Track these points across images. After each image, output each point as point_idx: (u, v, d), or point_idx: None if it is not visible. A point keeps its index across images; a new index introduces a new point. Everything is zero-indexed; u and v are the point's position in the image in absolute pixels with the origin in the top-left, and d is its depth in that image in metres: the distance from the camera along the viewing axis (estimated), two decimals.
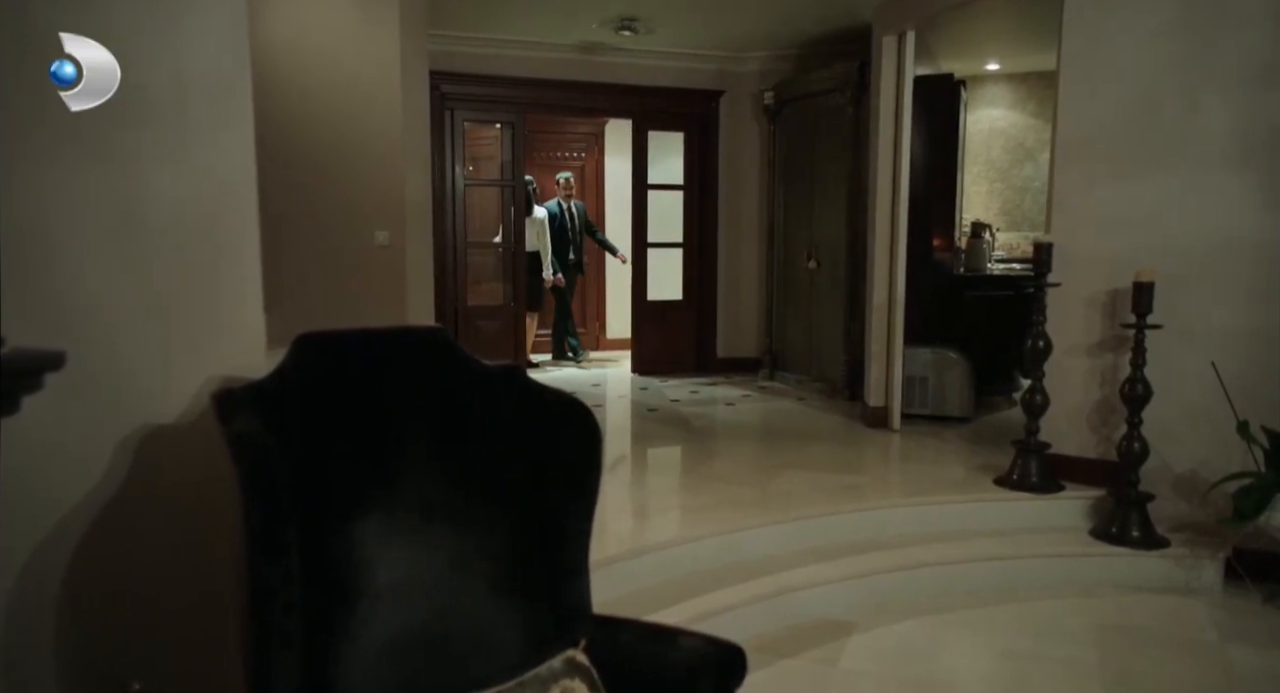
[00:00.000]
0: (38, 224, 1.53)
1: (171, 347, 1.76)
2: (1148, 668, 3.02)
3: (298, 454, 1.63)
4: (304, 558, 1.56)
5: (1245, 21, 3.60)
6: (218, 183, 1.85)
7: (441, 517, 1.80)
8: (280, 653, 1.51)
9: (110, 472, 1.65)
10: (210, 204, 1.84)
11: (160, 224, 1.75)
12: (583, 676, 1.67)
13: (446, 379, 1.91)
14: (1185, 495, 3.75)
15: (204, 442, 1.76)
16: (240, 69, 1.88)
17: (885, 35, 5.22)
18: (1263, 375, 3.55)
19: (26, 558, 1.51)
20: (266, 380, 1.74)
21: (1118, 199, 3.90)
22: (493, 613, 1.79)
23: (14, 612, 1.50)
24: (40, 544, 1.53)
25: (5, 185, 1.48)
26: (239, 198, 1.90)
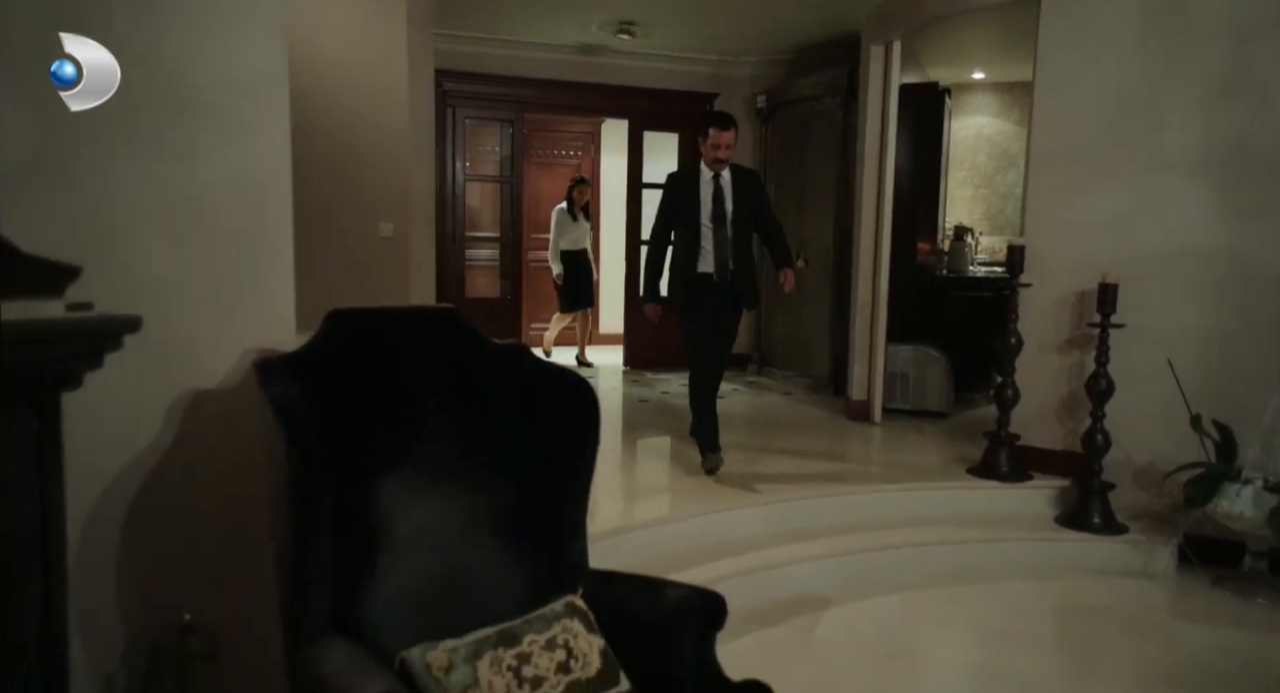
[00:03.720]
0: (107, 210, 1.73)
1: (215, 320, 1.96)
2: (1103, 642, 3.26)
3: (328, 416, 1.83)
4: (336, 507, 1.76)
5: (1205, 43, 3.83)
6: (258, 176, 2.05)
7: (455, 477, 2.00)
8: (316, 590, 1.71)
9: (163, 429, 1.85)
10: (251, 195, 2.04)
11: (209, 212, 1.95)
12: (580, 617, 1.88)
13: (459, 354, 2.12)
14: (1144, 485, 3.99)
15: (242, 404, 1.96)
16: (279, 73, 2.08)
17: (873, 44, 5.45)
18: (1214, 372, 3.78)
19: (94, 503, 1.71)
20: (302, 350, 1.94)
21: (1086, 206, 4.14)
22: (500, 565, 2.00)
23: (82, 553, 1.70)
24: (105, 491, 1.73)
25: (81, 177, 1.67)
26: (276, 190, 2.10)
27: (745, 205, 4.13)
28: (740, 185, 4.16)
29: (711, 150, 4.06)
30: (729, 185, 4.12)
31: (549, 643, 1.79)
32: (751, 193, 4.22)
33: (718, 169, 4.10)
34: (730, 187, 4.12)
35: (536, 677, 1.73)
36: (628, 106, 7.49)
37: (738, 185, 4.14)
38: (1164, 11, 3.93)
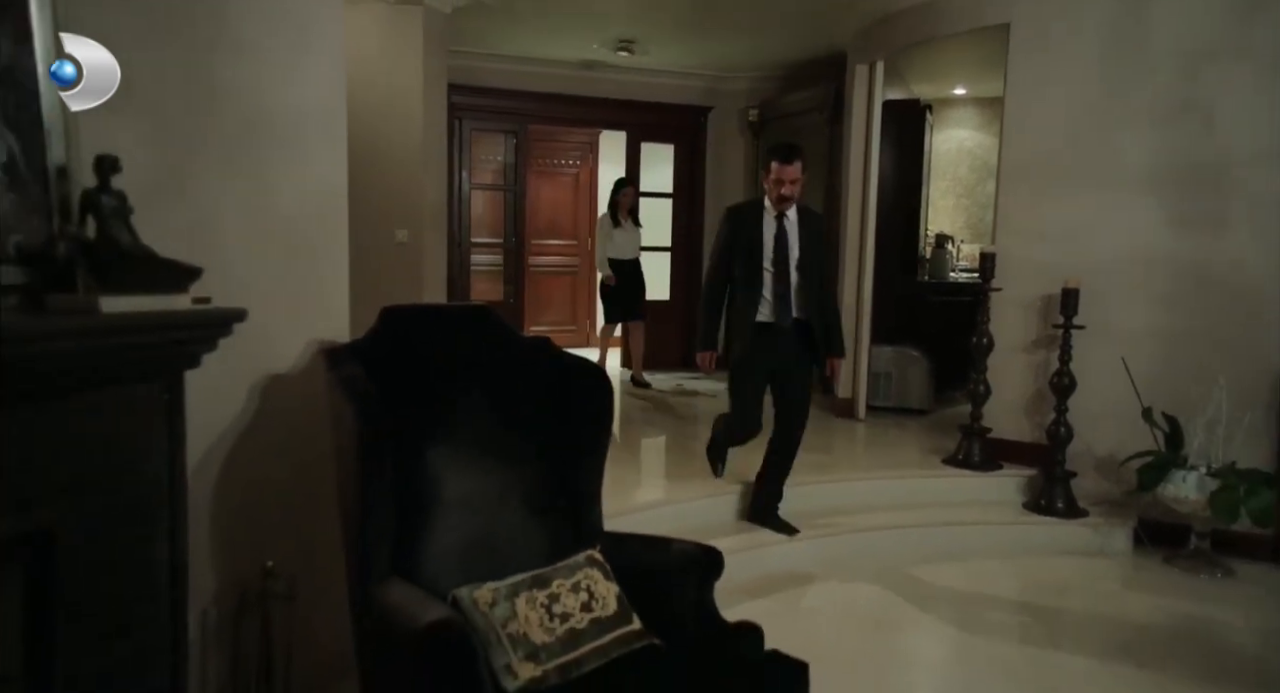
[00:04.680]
0: (204, 219, 2.06)
1: (285, 315, 2.29)
2: (1065, 613, 3.63)
3: (385, 395, 2.16)
4: (394, 472, 2.10)
5: (1156, 70, 4.21)
6: (321, 192, 2.39)
7: (490, 451, 2.33)
8: (381, 539, 2.04)
9: (245, 404, 2.18)
10: (315, 208, 2.38)
11: (280, 224, 2.28)
12: (599, 567, 2.21)
13: (493, 344, 2.46)
14: (1102, 473, 4.35)
15: (308, 386, 2.30)
16: (339, 103, 2.42)
17: (858, 64, 5.82)
18: (1164, 369, 4.15)
19: (194, 465, 2.03)
20: (361, 341, 2.28)
21: (1051, 217, 4.51)
22: (529, 526, 2.33)
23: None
24: (203, 456, 2.06)
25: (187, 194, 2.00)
26: (335, 203, 2.45)
27: (810, 249, 3.73)
28: (806, 229, 3.73)
29: (775, 187, 3.63)
30: (794, 226, 3.70)
31: (574, 587, 2.13)
32: (816, 238, 3.79)
33: (783, 207, 3.67)
34: (797, 228, 3.70)
35: (564, 613, 2.07)
36: (626, 119, 7.85)
37: (805, 227, 3.73)
38: (1120, 40, 4.31)
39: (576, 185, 9.61)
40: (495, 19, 5.86)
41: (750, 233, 3.71)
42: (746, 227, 3.73)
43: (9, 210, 1.58)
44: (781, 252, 3.67)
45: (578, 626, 2.07)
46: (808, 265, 3.70)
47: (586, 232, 9.64)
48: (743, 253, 3.71)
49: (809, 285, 3.71)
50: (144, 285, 1.66)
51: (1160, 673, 3.06)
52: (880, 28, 5.58)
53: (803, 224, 3.73)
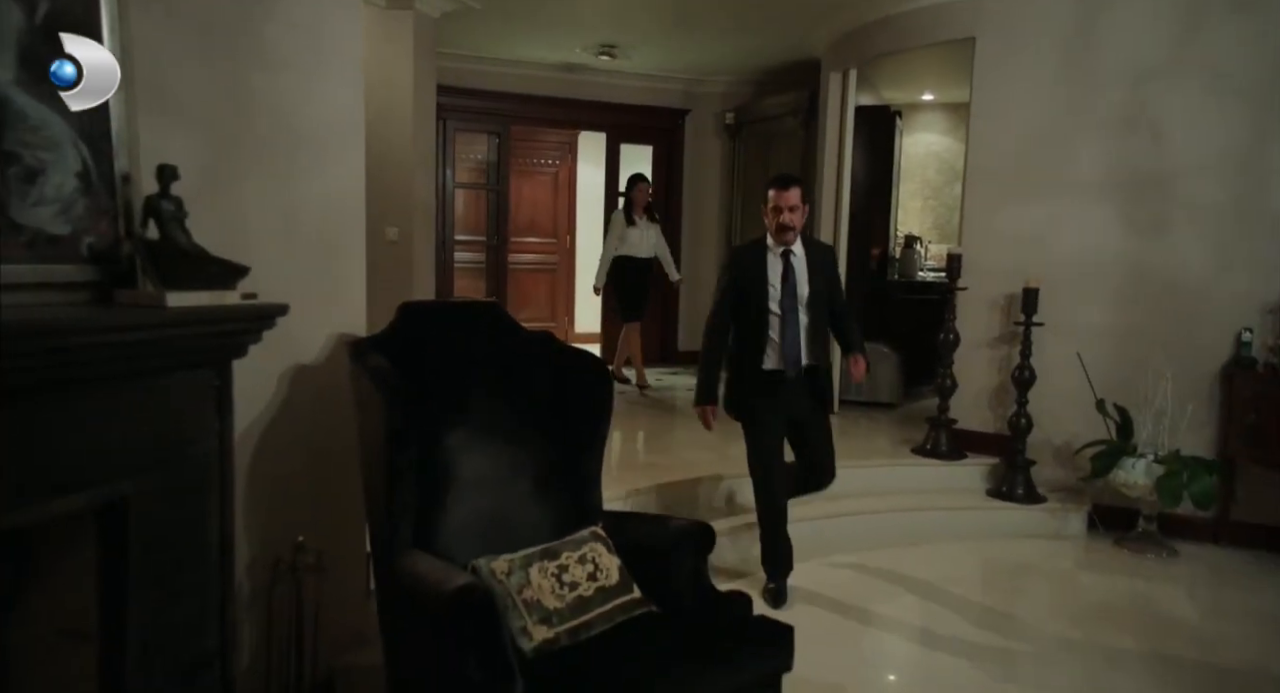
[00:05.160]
0: (239, 220, 2.23)
1: (311, 310, 2.45)
2: (1024, 590, 3.92)
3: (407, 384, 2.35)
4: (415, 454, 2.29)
5: (1108, 85, 4.50)
6: (341, 194, 2.57)
7: (500, 435, 2.53)
8: (404, 515, 2.23)
9: (276, 392, 2.36)
10: (336, 210, 2.56)
11: (306, 223, 2.46)
12: (602, 542, 2.42)
13: (501, 337, 2.66)
14: (1060, 462, 4.64)
15: (330, 376, 2.48)
16: (357, 114, 2.60)
17: (832, 72, 6.07)
18: (1116, 363, 4.44)
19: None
20: (382, 333, 2.46)
21: (1013, 219, 4.78)
22: (536, 504, 2.53)
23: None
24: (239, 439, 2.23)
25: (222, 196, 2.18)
26: (354, 205, 2.63)
27: (820, 285, 3.45)
28: (815, 262, 3.46)
29: (774, 216, 3.38)
30: (801, 262, 3.43)
31: (580, 558, 2.33)
32: (825, 270, 3.51)
33: (786, 241, 3.40)
34: (804, 263, 3.43)
35: (573, 582, 2.27)
36: (606, 120, 8.05)
37: (813, 262, 3.46)
38: (1074, 57, 4.60)
39: (556, 184, 9.78)
40: (481, 23, 6.02)
41: (754, 274, 3.43)
42: (749, 267, 3.45)
43: (82, 215, 1.76)
44: (789, 290, 3.40)
45: (585, 593, 2.28)
46: (818, 304, 3.44)
47: (565, 230, 9.84)
48: (746, 296, 3.43)
49: (819, 326, 3.47)
50: (201, 282, 1.85)
51: (1110, 642, 3.34)
52: (852, 38, 5.84)
53: (811, 258, 3.45)
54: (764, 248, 3.45)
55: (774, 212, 3.39)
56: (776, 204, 3.38)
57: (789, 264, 3.42)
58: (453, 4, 5.42)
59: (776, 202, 3.38)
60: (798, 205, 3.38)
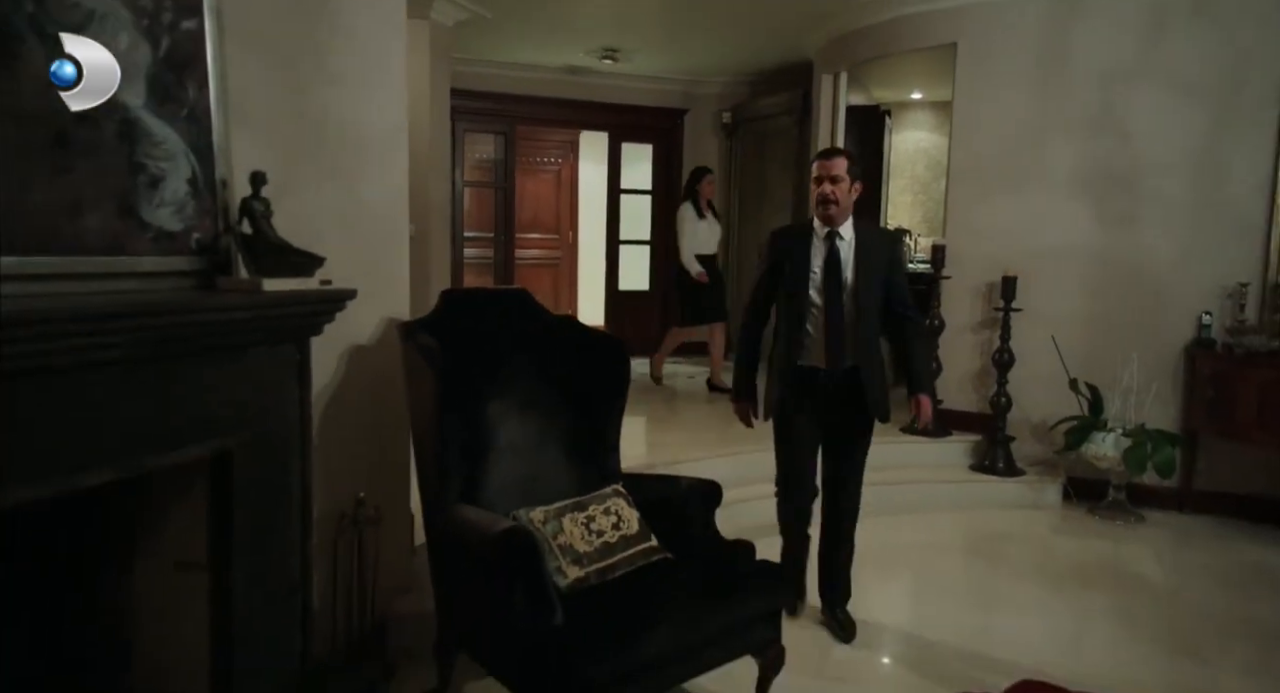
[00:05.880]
0: (307, 217, 2.56)
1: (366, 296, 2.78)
2: (1004, 553, 4.26)
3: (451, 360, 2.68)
4: (460, 420, 2.63)
5: (1080, 88, 4.85)
6: (390, 193, 2.91)
7: (532, 406, 2.87)
8: (453, 472, 2.57)
9: (337, 367, 2.69)
10: (385, 208, 2.89)
11: (361, 219, 2.79)
12: (623, 497, 2.76)
13: (529, 319, 3.00)
14: (1037, 437, 4.99)
15: (381, 355, 2.82)
16: (401, 122, 2.94)
17: (824, 74, 6.41)
18: (1087, 345, 4.80)
19: None
20: (429, 317, 2.80)
21: (993, 213, 5.13)
22: (564, 466, 2.88)
23: None
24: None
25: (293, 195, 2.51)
26: (400, 203, 2.96)
27: (872, 276, 3.04)
28: (867, 250, 3.05)
29: (815, 186, 3.05)
30: (851, 247, 3.05)
31: (605, 511, 2.67)
32: (881, 261, 3.08)
33: (831, 223, 3.03)
34: (853, 250, 3.04)
35: (599, 530, 2.61)
36: (607, 120, 8.38)
37: (864, 250, 3.04)
38: (1049, 61, 4.94)
39: (558, 182, 10.12)
40: (491, 30, 6.34)
41: (794, 257, 3.09)
42: (789, 250, 3.12)
43: (191, 214, 2.10)
44: (833, 278, 3.02)
45: (610, 540, 2.62)
46: (867, 298, 3.02)
47: (568, 226, 10.17)
48: (786, 281, 3.12)
49: (868, 324, 3.05)
50: (287, 270, 2.18)
51: (1082, 596, 3.71)
52: (843, 43, 6.17)
53: (862, 245, 3.05)
54: (809, 230, 3.10)
55: (815, 182, 3.06)
56: (818, 173, 3.05)
57: (834, 249, 3.04)
58: (466, 13, 5.73)
59: (819, 169, 3.05)
60: (841, 176, 3.00)
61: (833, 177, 3.02)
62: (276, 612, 2.24)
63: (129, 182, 1.92)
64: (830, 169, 3.03)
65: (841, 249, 3.06)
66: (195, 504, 2.11)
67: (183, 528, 2.12)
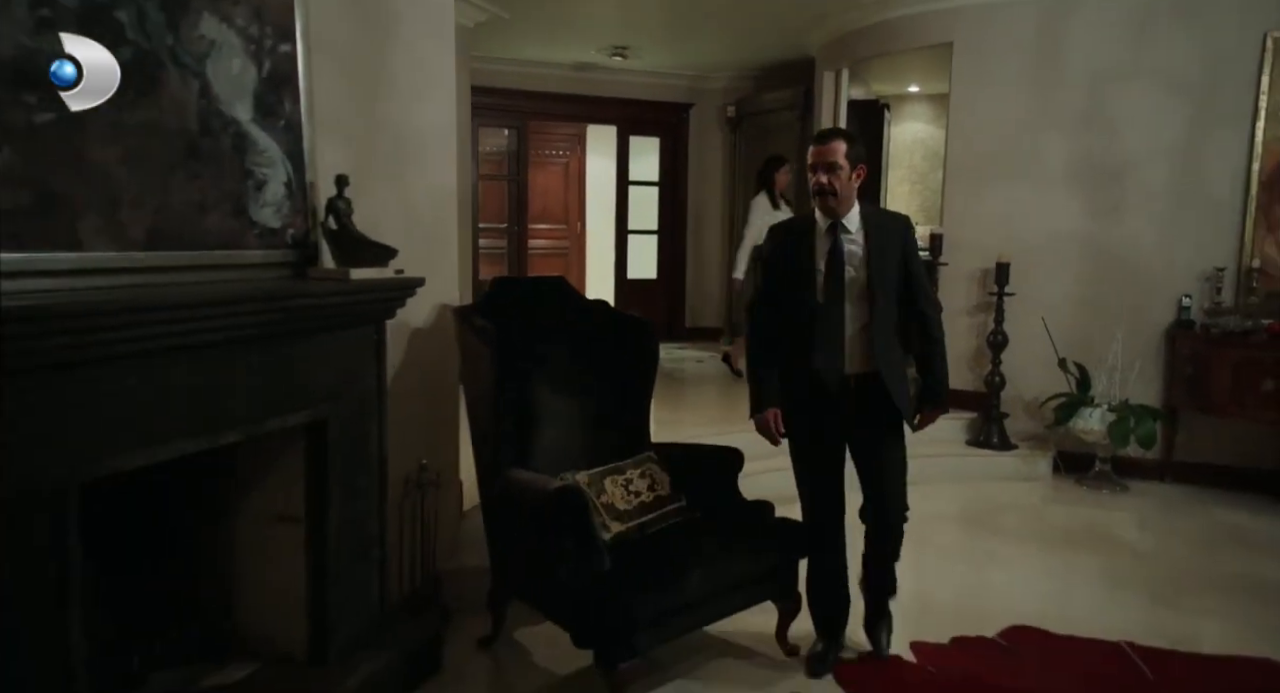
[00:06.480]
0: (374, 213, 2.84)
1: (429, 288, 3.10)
2: (999, 520, 4.60)
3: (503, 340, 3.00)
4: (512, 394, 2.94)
5: (1070, 86, 5.16)
6: (441, 190, 3.21)
7: (573, 381, 3.19)
8: (508, 440, 2.89)
9: (398, 348, 3.00)
10: (437, 204, 3.20)
11: (417, 214, 3.09)
12: (656, 463, 3.08)
13: (568, 304, 3.31)
14: (1029, 413, 5.32)
15: (436, 337, 3.13)
16: (451, 125, 3.24)
17: (825, 71, 6.71)
18: (1076, 327, 5.12)
19: None
20: (481, 302, 3.11)
21: (988, 203, 5.44)
22: (601, 436, 3.19)
23: None
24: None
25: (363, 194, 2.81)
26: (449, 199, 3.27)
27: (884, 269, 2.71)
28: (879, 240, 2.72)
29: (810, 175, 2.71)
30: (859, 238, 2.72)
31: (641, 474, 3.00)
32: (895, 250, 2.75)
33: (830, 211, 2.71)
34: (861, 240, 2.71)
35: (636, 491, 2.94)
36: (616, 114, 8.68)
37: (875, 240, 2.72)
38: (1040, 60, 5.24)
39: (566, 174, 10.40)
40: (508, 29, 6.62)
41: (793, 253, 2.80)
42: (787, 245, 2.84)
43: (287, 212, 2.41)
44: (837, 274, 2.71)
45: (646, 500, 2.94)
46: (877, 295, 2.71)
47: (576, 217, 10.46)
48: (783, 280, 2.84)
49: (880, 323, 2.74)
50: (367, 261, 2.49)
51: (1070, 557, 4.04)
52: (843, 41, 6.46)
53: (872, 235, 2.72)
54: (810, 223, 2.79)
55: (810, 171, 2.72)
56: (812, 161, 2.70)
57: (838, 243, 2.71)
58: (486, 15, 6.02)
59: (813, 158, 2.70)
60: (839, 163, 2.64)
61: (828, 163, 2.65)
62: (359, 561, 2.56)
63: (241, 185, 2.23)
64: (826, 155, 2.66)
65: (846, 243, 2.71)
66: (291, 466, 2.42)
67: (280, 487, 2.44)
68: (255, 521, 2.46)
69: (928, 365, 2.99)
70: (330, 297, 2.35)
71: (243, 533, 2.47)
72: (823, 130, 2.87)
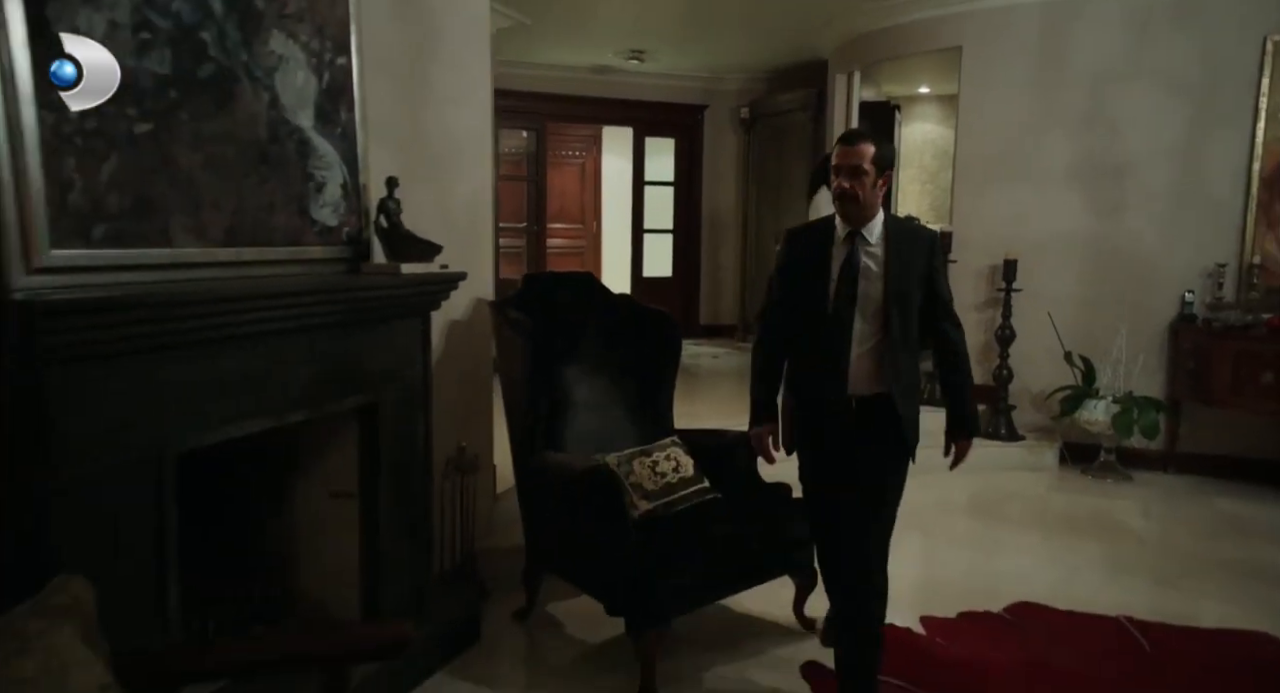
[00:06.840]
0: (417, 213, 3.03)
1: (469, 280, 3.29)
2: (1008, 508, 4.77)
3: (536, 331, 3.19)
4: (545, 382, 3.14)
5: (1073, 88, 5.33)
6: (476, 192, 3.42)
7: (601, 371, 3.39)
8: (540, 425, 3.09)
9: (440, 339, 3.21)
10: (474, 204, 3.41)
11: (455, 215, 3.30)
12: (680, 447, 3.27)
13: (595, 298, 3.51)
14: (1035, 405, 5.48)
15: (472, 330, 3.33)
16: (486, 130, 3.44)
17: (838, 73, 6.88)
18: (1081, 322, 5.29)
19: None
20: (514, 296, 3.31)
21: (995, 201, 5.61)
22: (628, 422, 3.39)
23: None
24: None
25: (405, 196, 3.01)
26: (484, 200, 3.47)
27: (903, 287, 2.46)
28: (900, 254, 2.47)
29: (834, 177, 2.48)
30: (878, 251, 2.47)
31: (666, 457, 3.19)
32: (919, 265, 2.50)
33: (853, 222, 2.47)
34: (881, 250, 2.47)
35: (662, 472, 3.13)
36: (632, 116, 8.88)
37: (896, 253, 2.46)
38: (1046, 63, 5.41)
39: (582, 174, 10.60)
40: (529, 34, 6.83)
41: (809, 262, 2.54)
42: (803, 252, 2.59)
43: (343, 212, 2.61)
44: (850, 285, 2.47)
45: (671, 481, 3.14)
46: (894, 313, 2.45)
47: (592, 216, 10.66)
48: (796, 289, 2.59)
49: (897, 342, 2.46)
50: (416, 256, 2.69)
51: (1074, 543, 4.21)
52: (855, 45, 6.64)
53: (892, 249, 2.47)
54: (830, 229, 2.54)
55: (834, 172, 2.49)
56: (837, 163, 2.47)
57: (853, 253, 2.47)
58: (509, 21, 6.22)
59: (838, 159, 2.47)
60: (865, 168, 2.42)
61: (852, 168, 2.42)
62: (407, 536, 2.76)
63: (303, 187, 2.44)
64: (851, 158, 2.43)
65: (863, 255, 2.47)
66: (345, 447, 2.63)
67: (334, 466, 2.64)
68: (311, 497, 2.66)
69: (958, 394, 2.73)
70: (383, 289, 2.55)
71: (300, 509, 2.67)
72: (850, 131, 2.63)
